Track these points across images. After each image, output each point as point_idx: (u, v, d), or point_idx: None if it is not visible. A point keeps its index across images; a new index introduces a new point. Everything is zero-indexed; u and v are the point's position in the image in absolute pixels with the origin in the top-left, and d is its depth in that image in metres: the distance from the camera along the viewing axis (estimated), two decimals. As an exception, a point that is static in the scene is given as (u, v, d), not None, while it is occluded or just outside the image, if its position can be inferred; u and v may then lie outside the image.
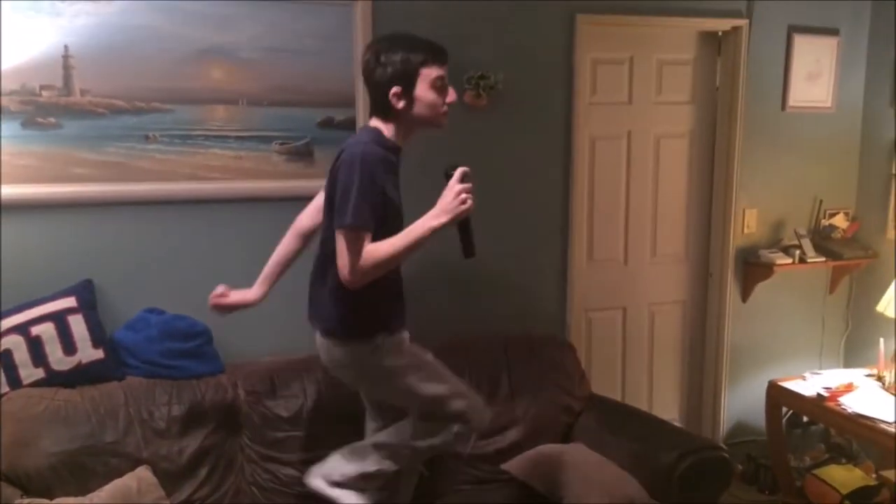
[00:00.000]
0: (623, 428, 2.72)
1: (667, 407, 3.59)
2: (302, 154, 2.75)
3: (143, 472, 2.23)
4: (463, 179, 1.95)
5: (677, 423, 3.46)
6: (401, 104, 2.01)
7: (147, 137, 2.56)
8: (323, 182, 2.74)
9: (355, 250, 1.91)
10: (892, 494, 3.07)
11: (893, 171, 3.45)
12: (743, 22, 3.31)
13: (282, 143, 2.72)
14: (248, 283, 2.72)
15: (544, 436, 2.72)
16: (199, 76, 2.59)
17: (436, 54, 2.03)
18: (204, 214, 2.67)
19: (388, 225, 1.99)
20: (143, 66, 2.52)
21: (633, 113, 3.33)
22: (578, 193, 3.19)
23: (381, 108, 2.04)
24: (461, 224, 1.98)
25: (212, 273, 2.69)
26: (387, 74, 1.98)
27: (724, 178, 3.45)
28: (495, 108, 2.93)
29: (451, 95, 2.09)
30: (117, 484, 2.17)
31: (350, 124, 2.78)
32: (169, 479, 2.29)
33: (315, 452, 2.49)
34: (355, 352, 2.09)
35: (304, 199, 2.76)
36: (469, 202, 1.93)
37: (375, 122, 2.07)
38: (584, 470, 2.45)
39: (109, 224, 2.56)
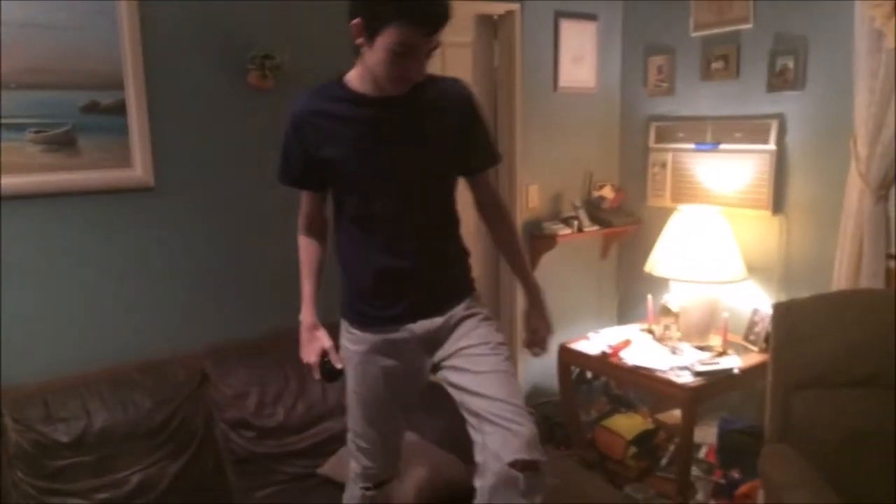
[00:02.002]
0: (437, 405, 2.75)
1: (469, 380, 3.71)
2: (62, 143, 2.42)
3: None
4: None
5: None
6: (358, 40, 1.66)
7: None
8: (89, 174, 2.46)
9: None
10: (667, 435, 3.43)
11: (649, 145, 3.83)
12: (516, 6, 3.47)
13: (37, 132, 2.37)
14: None
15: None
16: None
17: (416, 18, 1.58)
18: (-59, 218, 2.25)
19: (340, 185, 1.84)
20: None
21: (421, 94, 3.35)
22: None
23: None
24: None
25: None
26: (355, 2, 1.65)
27: (508, 157, 3.60)
28: (282, 89, 2.79)
29: (417, 70, 1.67)
30: None
31: (119, 108, 2.49)
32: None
33: (106, 477, 2.23)
34: None
35: (69, 195, 2.45)
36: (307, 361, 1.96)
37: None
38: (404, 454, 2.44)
39: None
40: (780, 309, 2.62)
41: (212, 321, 2.75)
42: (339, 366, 1.90)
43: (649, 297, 3.57)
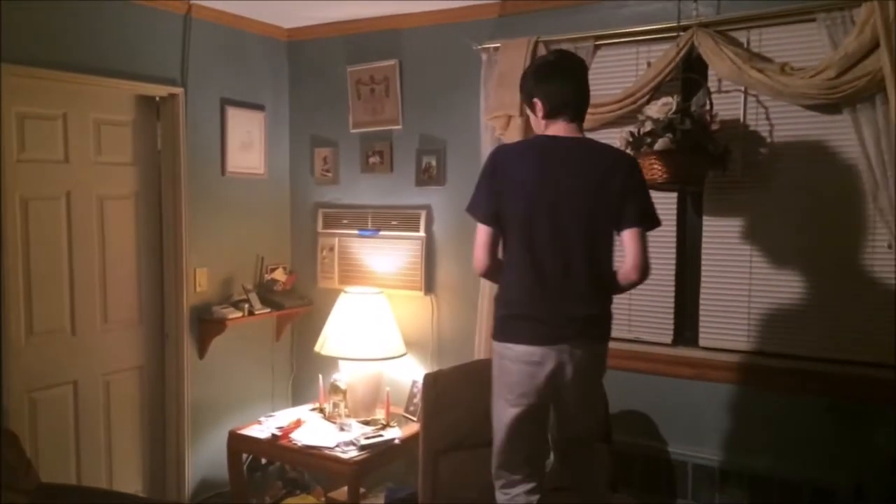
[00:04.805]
0: None
1: (130, 479, 3.42)
2: None
3: None
4: None
5: (142, 494, 3.33)
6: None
7: None
8: None
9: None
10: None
11: (318, 230, 4.02)
12: (178, 90, 3.46)
13: None
14: None
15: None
16: None
17: None
18: None
19: None
20: None
21: (71, 172, 3.14)
22: (11, 260, 2.86)
23: None
24: None
25: None
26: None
27: (173, 240, 3.51)
28: None
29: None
30: None
31: None
32: None
33: None
34: None
35: None
36: None
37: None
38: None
39: None
40: (428, 379, 2.91)
41: None
42: None
43: (320, 376, 3.67)
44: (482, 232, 2.25)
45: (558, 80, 2.28)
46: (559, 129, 2.28)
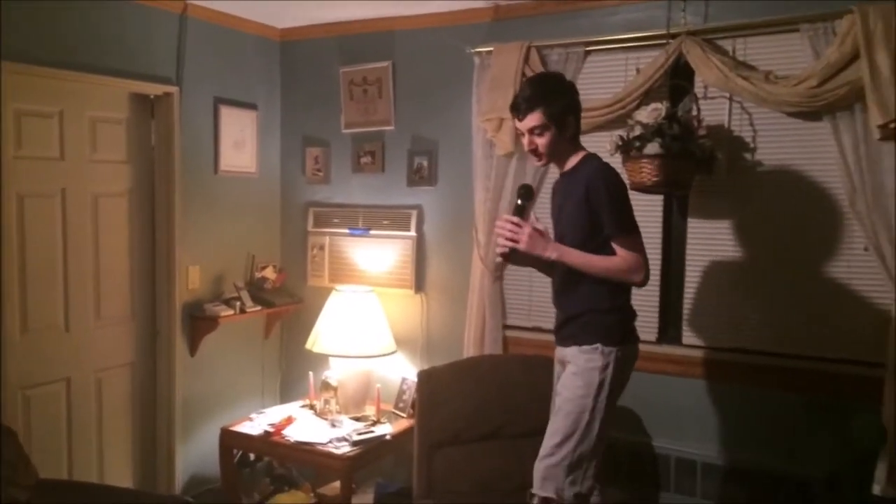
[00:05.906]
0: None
1: (121, 475, 3.44)
2: None
3: None
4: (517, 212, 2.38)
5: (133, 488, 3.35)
6: None
7: None
8: None
9: None
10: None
11: (308, 229, 4.06)
12: (173, 89, 3.48)
13: None
14: None
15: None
16: None
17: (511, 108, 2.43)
18: None
19: None
20: None
21: (67, 170, 3.15)
22: (6, 256, 2.86)
23: None
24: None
25: None
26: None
27: (166, 237, 3.53)
28: None
29: (523, 144, 2.48)
30: None
31: None
32: None
33: None
34: None
35: None
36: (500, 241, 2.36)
37: None
38: None
39: None
40: (422, 376, 2.97)
41: None
42: None
43: (311, 373, 3.72)
44: (642, 244, 2.38)
45: None
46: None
